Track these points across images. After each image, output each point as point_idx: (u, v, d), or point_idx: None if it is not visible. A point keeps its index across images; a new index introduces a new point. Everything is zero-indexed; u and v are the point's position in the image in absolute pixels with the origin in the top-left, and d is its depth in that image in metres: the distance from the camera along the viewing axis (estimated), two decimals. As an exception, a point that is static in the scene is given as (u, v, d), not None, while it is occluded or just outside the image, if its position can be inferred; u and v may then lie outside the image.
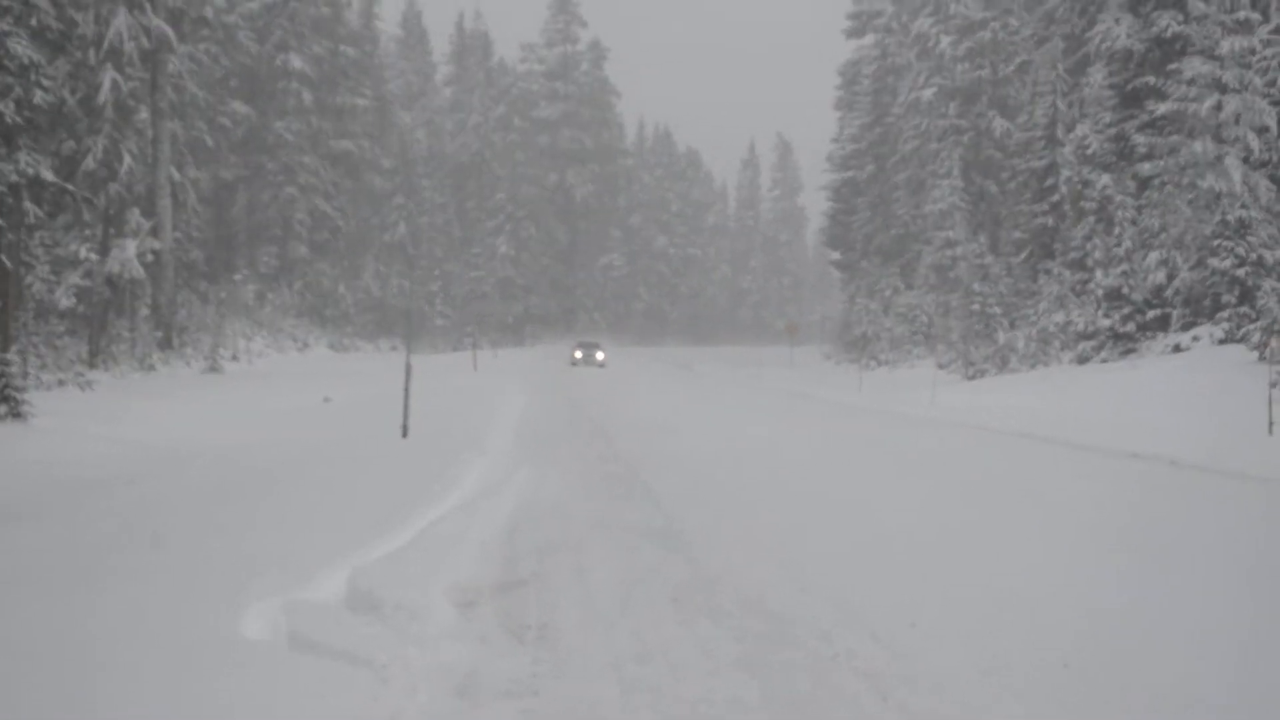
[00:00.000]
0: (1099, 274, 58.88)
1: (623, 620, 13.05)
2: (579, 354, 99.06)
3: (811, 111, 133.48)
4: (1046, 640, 12.71)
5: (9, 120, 42.21)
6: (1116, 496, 24.03)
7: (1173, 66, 57.67)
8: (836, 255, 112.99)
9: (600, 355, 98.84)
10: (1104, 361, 55.46)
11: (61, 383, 40.25)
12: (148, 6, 55.90)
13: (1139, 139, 60.42)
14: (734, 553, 17.41)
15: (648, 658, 11.64)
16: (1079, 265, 62.88)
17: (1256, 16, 55.31)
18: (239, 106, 78.72)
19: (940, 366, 69.48)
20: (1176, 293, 54.16)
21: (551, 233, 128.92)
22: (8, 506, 18.95)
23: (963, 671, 11.52)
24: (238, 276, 77.84)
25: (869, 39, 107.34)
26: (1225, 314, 50.80)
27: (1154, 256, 55.43)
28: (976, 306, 72.78)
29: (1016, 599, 14.74)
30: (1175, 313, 54.19)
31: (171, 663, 10.40)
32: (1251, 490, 26.02)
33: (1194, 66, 55.19)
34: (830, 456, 31.72)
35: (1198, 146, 54.23)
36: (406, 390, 33.77)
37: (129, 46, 54.36)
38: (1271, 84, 53.77)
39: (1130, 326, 56.10)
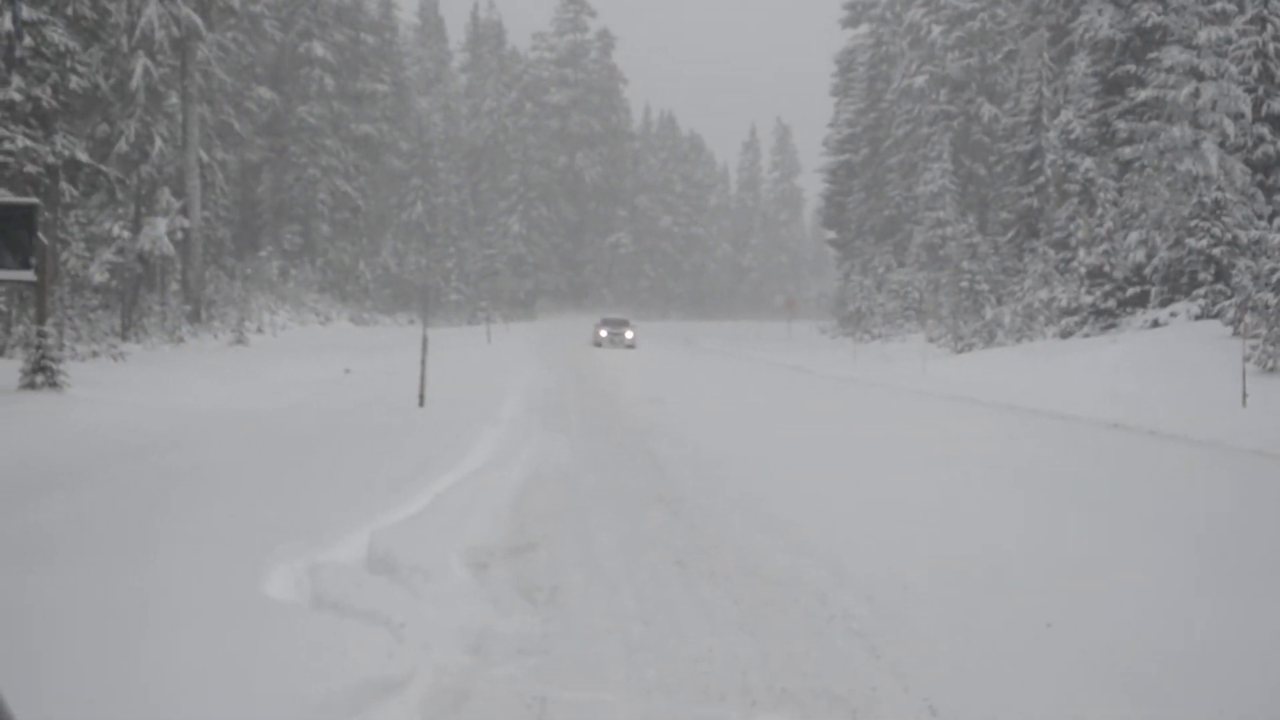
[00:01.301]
0: (1081, 253, 59.05)
1: (628, 583, 13.11)
2: (604, 333, 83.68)
3: (810, 97, 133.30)
4: (1030, 601, 12.76)
5: (46, 105, 42.50)
6: (1098, 465, 24.09)
7: (1152, 55, 57.88)
8: (832, 235, 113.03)
9: (629, 334, 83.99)
10: (1086, 336, 55.62)
11: (95, 354, 40.24)
12: (176, -7, 55.95)
13: (1120, 124, 60.64)
14: (733, 518, 17.47)
15: (651, 619, 11.68)
16: (1062, 244, 63.06)
17: (1233, 7, 55.37)
18: (264, 92, 78.66)
19: (930, 340, 69.79)
20: (1155, 271, 54.29)
21: (561, 212, 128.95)
22: (49, 473, 18.88)
23: (953, 633, 11.57)
24: (263, 253, 77.91)
25: (864, 28, 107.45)
26: (1201, 291, 50.97)
27: (1134, 236, 55.59)
28: (965, 283, 72.92)
29: (1005, 563, 14.78)
30: (1154, 290, 54.30)
31: (204, 621, 10.41)
32: (1225, 459, 26.12)
33: (1173, 55, 55.25)
34: (825, 428, 31.78)
35: (1176, 132, 54.30)
36: (423, 362, 33.75)
37: (160, 34, 54.37)
38: (1247, 72, 53.85)
39: (1111, 303, 56.24)
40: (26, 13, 42.01)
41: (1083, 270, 58.29)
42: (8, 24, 41.83)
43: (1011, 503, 19.38)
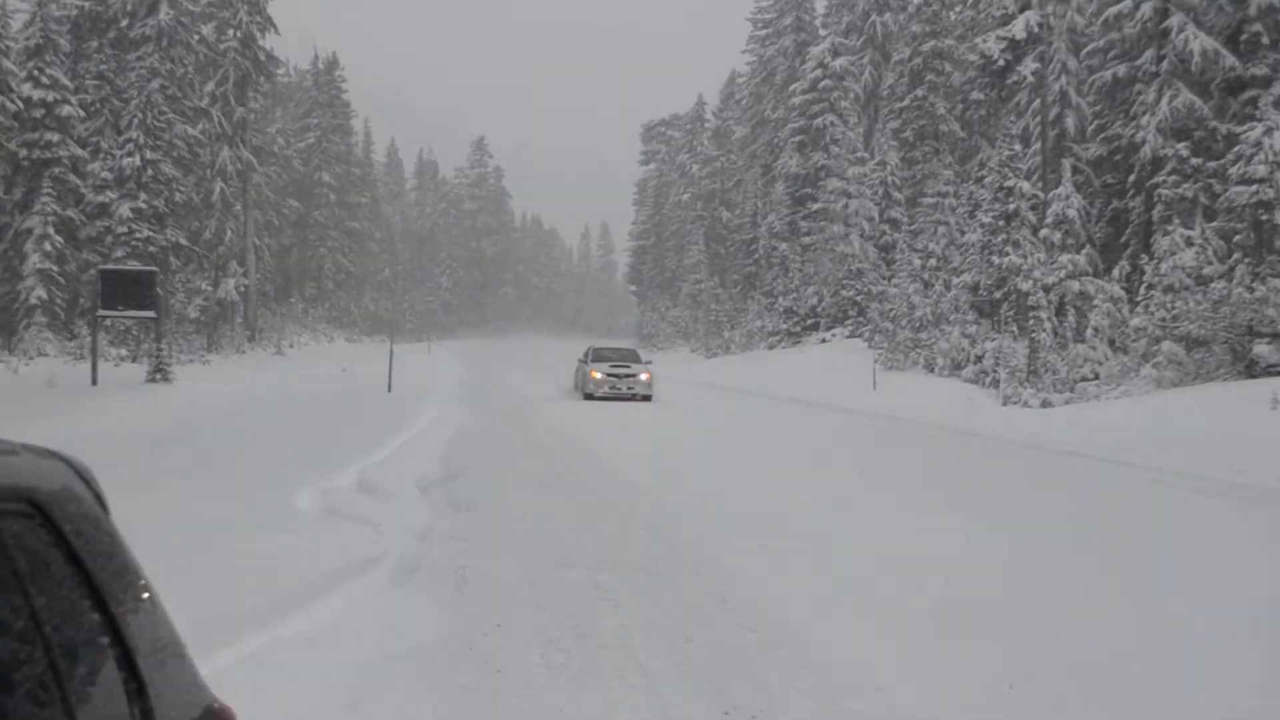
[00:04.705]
0: (780, 299, 59.61)
1: (513, 499, 13.17)
2: (599, 374, 33.39)
3: (622, 203, 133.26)
4: (752, 499, 12.93)
5: (162, 209, 43.00)
6: (788, 424, 24.37)
7: (821, 182, 58.50)
8: (634, 288, 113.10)
9: (645, 377, 33.77)
10: (784, 348, 56.15)
11: (190, 361, 39.61)
12: (240, 145, 55.20)
13: (803, 223, 61.19)
14: (577, 459, 17.63)
15: (527, 519, 11.74)
16: (769, 294, 63.56)
17: (866, 155, 56.11)
18: (293, 202, 77.56)
19: (692, 351, 70.48)
20: (823, 309, 54.98)
21: (471, 275, 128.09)
22: (167, 431, 18.86)
23: (706, 522, 11.73)
24: (291, 300, 76.91)
25: (652, 166, 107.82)
26: (850, 322, 51.69)
27: (810, 289, 56.25)
28: (712, 317, 73.43)
29: (740, 477, 15.00)
30: (823, 320, 54.99)
31: (263, 521, 10.52)
32: (859, 420, 26.64)
33: (833, 183, 55.89)
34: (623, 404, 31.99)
35: (835, 228, 54.92)
36: (390, 365, 33.73)
37: (229, 168, 53.80)
38: (875, 193, 54.63)
39: (798, 329, 56.86)
40: (149, 155, 42.09)
41: (781, 309, 58.97)
42: (138, 161, 41.94)
43: (755, 456, 19.64)
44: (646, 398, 32.09)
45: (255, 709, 5.20)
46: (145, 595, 2.16)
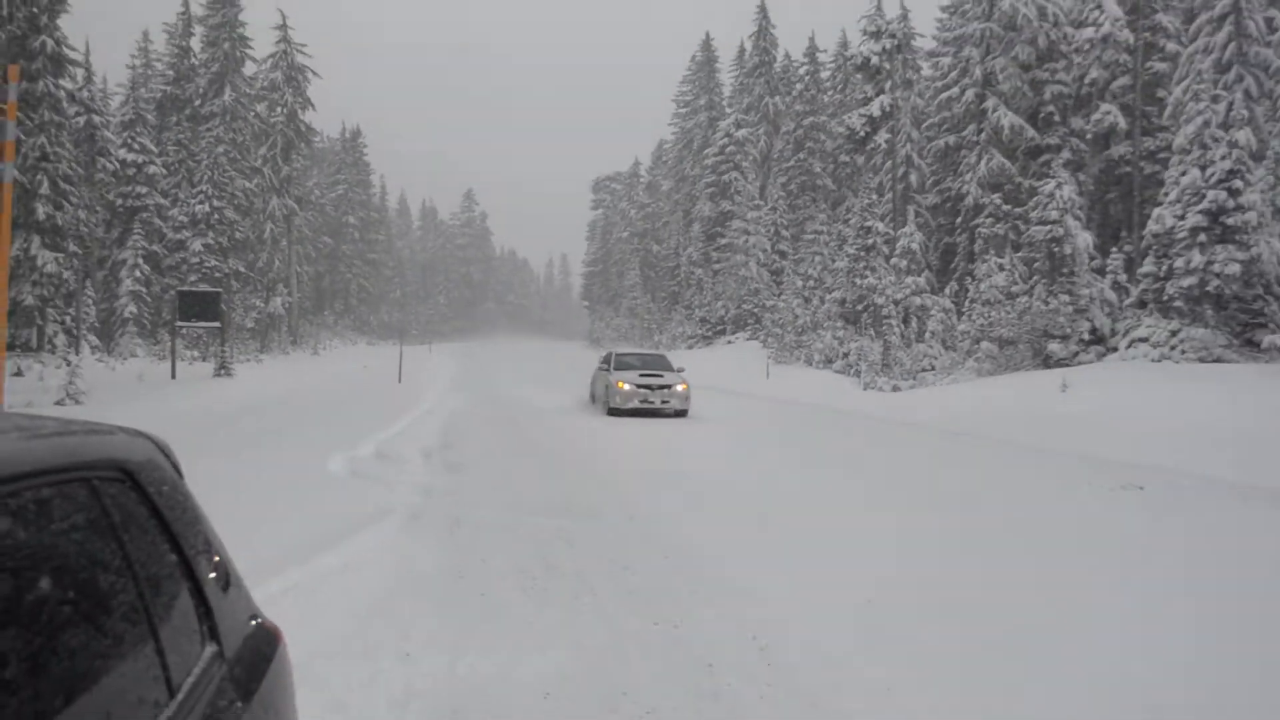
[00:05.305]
0: (696, 311, 59.57)
1: (497, 463, 13.10)
2: (626, 385, 20.61)
3: (576, 236, 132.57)
4: (671, 463, 12.94)
5: (225, 245, 43.09)
6: (700, 404, 24.32)
7: (729, 223, 58.39)
8: (586, 303, 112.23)
9: (681, 387, 20.74)
10: (700, 348, 56.07)
11: (247, 360, 39.06)
12: (286, 195, 54.50)
13: (714, 254, 61.09)
14: (538, 431, 17.56)
15: (508, 475, 11.70)
16: (688, 307, 63.48)
17: (761, 203, 56.23)
18: (325, 239, 76.73)
19: (631, 350, 70.08)
20: (729, 319, 54.96)
21: (463, 294, 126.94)
22: (232, 413, 18.51)
23: (640, 479, 11.75)
24: (325, 313, 76.11)
25: (600, 211, 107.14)
26: (749, 328, 51.70)
27: (719, 303, 56.20)
28: (645, 325, 73.17)
29: (663, 442, 15.01)
30: (729, 327, 54.96)
31: (302, 481, 10.36)
32: (751, 401, 26.68)
33: (736, 224, 55.83)
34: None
35: (738, 257, 54.97)
36: (400, 363, 33.53)
37: (278, 213, 53.02)
38: (768, 231, 54.72)
39: (710, 333, 56.75)
40: (216, 203, 42.07)
41: (697, 318, 58.90)
42: (207, 208, 42.34)
43: (664, 420, 19.56)
44: (682, 413, 20.48)
45: (302, 621, 5.24)
46: (210, 540, 2.18)
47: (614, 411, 20.51)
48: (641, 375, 20.98)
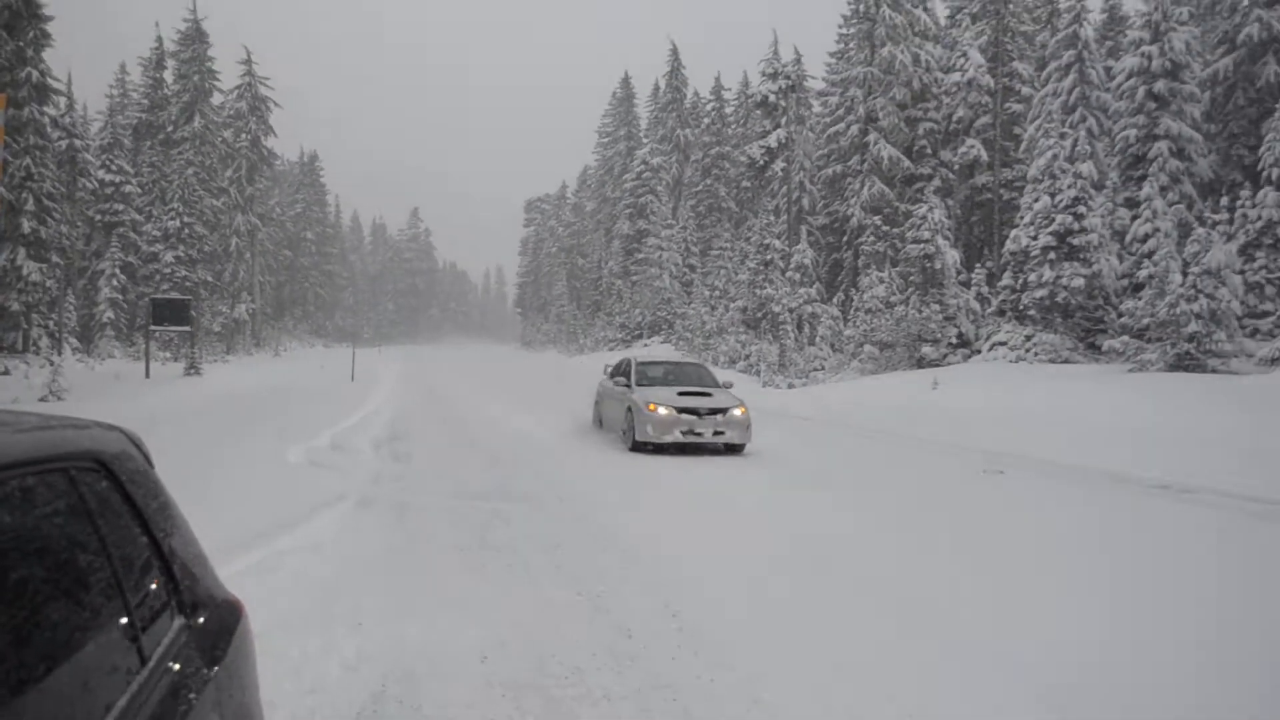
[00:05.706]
0: (617, 318, 59.47)
1: (440, 454, 12.97)
2: (662, 408, 12.48)
3: (511, 252, 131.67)
4: (596, 468, 12.91)
5: (194, 257, 42.57)
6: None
7: (645, 240, 58.41)
8: (519, 310, 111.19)
9: (739, 412, 12.49)
10: (619, 350, 56.03)
11: (214, 361, 38.05)
12: (249, 213, 53.31)
13: (632, 267, 61.04)
14: (479, 428, 17.42)
15: (449, 465, 11.57)
16: (609, 314, 63.36)
17: (673, 222, 56.59)
18: (285, 252, 74.86)
19: (559, 352, 69.81)
20: (645, 324, 55.02)
21: (409, 302, 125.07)
22: (199, 408, 17.99)
23: (569, 467, 11.72)
24: (286, 319, 74.43)
25: (531, 228, 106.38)
26: (663, 332, 51.80)
27: (637, 311, 56.14)
28: (571, 330, 72.89)
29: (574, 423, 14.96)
30: (645, 331, 54.97)
31: (262, 469, 10.11)
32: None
33: (651, 241, 56.10)
34: (526, 377, 31.53)
35: (653, 270, 55.19)
36: (353, 363, 33.03)
37: (242, 229, 51.90)
38: (679, 247, 55.03)
39: (629, 337, 56.55)
40: (186, 219, 41.38)
41: (617, 324, 58.72)
42: (178, 224, 42.07)
43: (586, 416, 19.54)
44: (739, 447, 12.94)
45: (266, 596, 5.19)
46: (178, 524, 2.15)
47: (641, 445, 12.81)
48: (681, 395, 13.15)
